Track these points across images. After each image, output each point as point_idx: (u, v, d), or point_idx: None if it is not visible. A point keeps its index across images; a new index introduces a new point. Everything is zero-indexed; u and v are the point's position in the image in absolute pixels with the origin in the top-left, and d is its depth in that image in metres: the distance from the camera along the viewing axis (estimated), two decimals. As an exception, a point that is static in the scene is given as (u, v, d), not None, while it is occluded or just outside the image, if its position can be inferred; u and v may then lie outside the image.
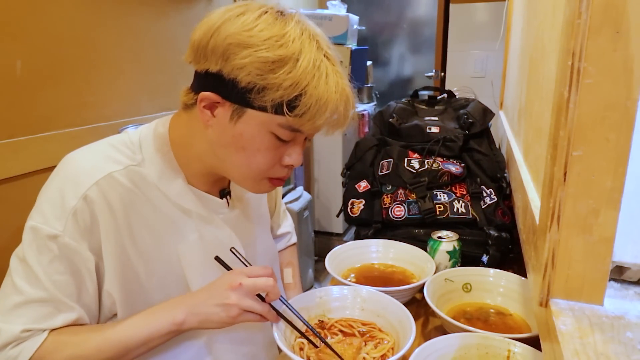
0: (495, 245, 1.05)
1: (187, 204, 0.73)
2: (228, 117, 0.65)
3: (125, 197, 0.68)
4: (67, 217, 0.64)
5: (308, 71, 0.60)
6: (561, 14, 0.48)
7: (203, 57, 0.64)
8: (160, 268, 0.72)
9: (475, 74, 2.91)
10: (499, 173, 1.16)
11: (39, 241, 0.64)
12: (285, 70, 0.60)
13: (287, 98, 0.61)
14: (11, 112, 1.23)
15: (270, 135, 0.65)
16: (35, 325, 0.63)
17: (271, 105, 0.61)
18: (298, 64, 0.60)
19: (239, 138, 0.65)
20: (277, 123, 0.64)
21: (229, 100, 0.64)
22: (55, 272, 0.64)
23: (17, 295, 0.63)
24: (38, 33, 1.29)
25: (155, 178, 0.70)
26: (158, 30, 1.77)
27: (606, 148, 0.40)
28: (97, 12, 1.48)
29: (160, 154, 0.72)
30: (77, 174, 0.66)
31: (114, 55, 1.56)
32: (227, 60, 0.61)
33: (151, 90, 1.75)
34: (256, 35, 0.60)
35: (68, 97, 1.39)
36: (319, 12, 2.78)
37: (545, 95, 0.65)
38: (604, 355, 0.37)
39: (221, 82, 0.63)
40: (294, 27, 0.62)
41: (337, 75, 0.64)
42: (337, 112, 0.64)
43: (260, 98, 0.61)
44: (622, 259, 0.45)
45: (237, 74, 0.61)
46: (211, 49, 0.62)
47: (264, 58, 0.59)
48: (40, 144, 1.30)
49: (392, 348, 0.75)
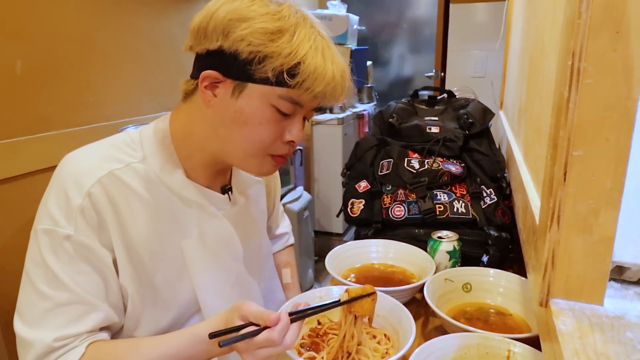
0: (495, 245, 1.05)
1: (189, 195, 0.73)
2: (229, 93, 0.66)
3: (128, 193, 0.68)
4: (76, 216, 0.64)
5: (305, 41, 0.64)
6: (561, 14, 0.48)
7: (204, 38, 0.66)
8: (165, 264, 0.72)
9: (475, 74, 2.91)
10: (499, 173, 1.16)
11: (55, 243, 0.63)
12: (284, 40, 0.63)
13: (286, 66, 0.63)
14: (11, 112, 1.23)
15: (271, 108, 0.67)
16: (66, 331, 0.62)
17: (272, 75, 0.63)
18: (295, 35, 0.63)
19: (241, 113, 0.66)
20: (277, 95, 0.65)
21: (229, 76, 0.65)
22: (76, 272, 0.64)
23: (44, 301, 0.62)
24: (38, 33, 1.29)
25: (157, 170, 0.71)
26: (158, 30, 1.77)
27: (606, 148, 0.40)
28: (97, 12, 1.48)
29: (161, 147, 0.72)
30: (78, 173, 0.67)
31: (114, 55, 1.56)
32: (228, 35, 0.63)
33: (151, 90, 1.75)
34: (255, 9, 0.63)
35: (68, 97, 1.39)
36: (319, 12, 2.78)
37: (545, 95, 0.65)
38: (604, 355, 0.37)
39: (222, 58, 0.65)
40: (288, 8, 0.66)
41: (331, 50, 0.67)
42: (334, 81, 0.66)
43: (261, 68, 0.63)
44: (622, 259, 0.45)
45: (238, 45, 0.63)
46: (212, 28, 0.64)
47: (263, 28, 0.62)
48: (40, 144, 1.30)
49: (392, 346, 0.75)
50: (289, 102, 0.67)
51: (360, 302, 0.70)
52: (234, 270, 0.82)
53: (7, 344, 1.10)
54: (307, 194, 2.60)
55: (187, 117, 0.73)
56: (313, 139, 2.86)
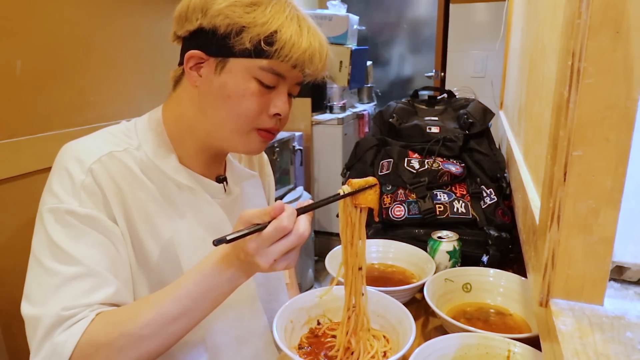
0: (495, 245, 1.05)
1: (182, 179, 0.74)
2: (213, 71, 0.69)
3: (127, 174, 0.70)
4: (80, 191, 0.65)
5: (280, 13, 0.66)
6: (561, 14, 0.48)
7: (185, 21, 0.70)
8: (160, 246, 0.72)
9: (475, 74, 2.91)
10: (499, 173, 1.16)
11: (61, 219, 0.64)
12: (259, 10, 0.66)
13: (263, 35, 0.66)
14: (11, 112, 1.23)
15: (254, 80, 0.69)
16: (75, 302, 0.59)
17: (250, 46, 0.66)
18: (270, 6, 0.66)
19: (225, 88, 0.69)
20: (258, 67, 0.68)
21: (211, 54, 0.69)
22: (85, 245, 0.63)
23: (52, 277, 0.60)
24: (38, 33, 1.29)
25: (151, 155, 0.72)
26: (158, 30, 1.77)
27: (606, 148, 0.40)
28: (97, 12, 1.48)
29: (154, 133, 0.75)
30: (78, 153, 0.69)
31: (114, 55, 1.56)
32: (206, 12, 0.66)
33: (151, 90, 1.75)
34: None
35: (68, 97, 1.39)
36: (319, 12, 2.78)
37: (545, 95, 0.65)
38: (604, 355, 0.37)
39: (203, 36, 0.68)
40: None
41: (306, 21, 0.70)
42: (311, 47, 0.68)
43: (239, 40, 0.66)
44: (622, 259, 0.45)
45: (215, 20, 0.66)
46: (192, 9, 0.68)
47: (239, 1, 0.65)
48: (40, 144, 1.30)
49: (390, 348, 0.75)
50: (270, 74, 0.69)
51: (363, 194, 0.66)
52: None
53: (7, 344, 1.10)
54: (307, 194, 2.60)
55: (177, 102, 0.76)
56: (313, 139, 2.86)
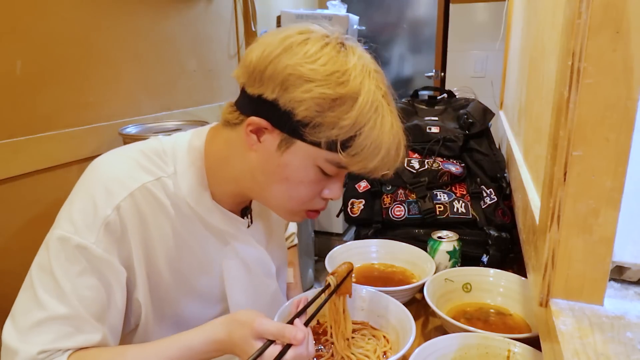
0: (495, 245, 1.05)
1: (213, 221, 0.71)
2: (275, 145, 0.63)
3: (157, 208, 0.66)
4: (100, 228, 0.61)
5: (365, 112, 0.59)
6: (561, 14, 0.48)
7: (259, 82, 0.61)
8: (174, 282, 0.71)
9: (475, 74, 2.91)
10: (499, 173, 1.16)
11: (68, 252, 0.60)
12: (344, 109, 0.59)
13: (342, 137, 0.60)
14: (11, 112, 1.23)
15: (316, 168, 0.64)
16: (53, 345, 0.59)
17: (324, 142, 0.60)
18: (357, 104, 0.59)
19: (284, 168, 0.64)
20: (325, 158, 0.62)
21: (279, 128, 0.62)
22: (83, 286, 0.61)
23: (40, 310, 0.59)
24: (38, 33, 1.29)
25: (185, 192, 0.68)
26: (158, 30, 1.77)
27: (606, 148, 0.40)
28: (97, 12, 1.48)
29: (193, 168, 0.69)
30: (110, 182, 0.64)
31: (114, 55, 1.56)
32: (286, 90, 0.59)
33: (151, 90, 1.75)
34: (318, 69, 0.58)
35: (68, 97, 1.39)
36: (319, 12, 2.78)
37: (545, 95, 0.65)
38: (604, 355, 0.37)
39: (275, 110, 0.61)
40: (356, 63, 0.60)
41: (392, 117, 0.63)
42: (388, 155, 0.63)
43: (315, 133, 0.60)
44: (622, 259, 0.45)
45: (295, 106, 0.59)
46: (269, 76, 0.60)
47: (324, 95, 0.58)
48: (40, 144, 1.30)
49: (390, 348, 0.75)
50: (335, 167, 0.64)
51: (344, 284, 0.73)
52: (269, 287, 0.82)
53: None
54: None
55: (226, 146, 0.69)
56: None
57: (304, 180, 0.65)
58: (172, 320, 0.73)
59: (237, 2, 2.33)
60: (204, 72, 2.08)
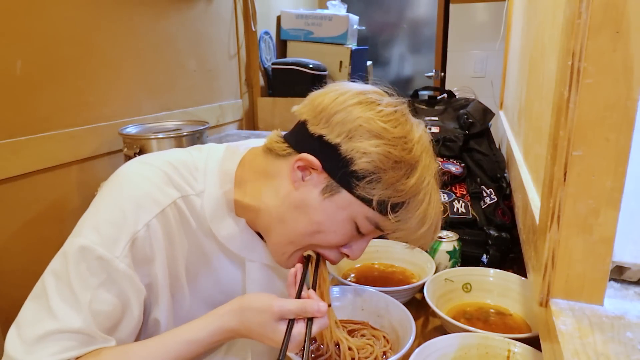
0: (495, 245, 1.05)
1: (232, 247, 0.70)
2: (320, 188, 0.62)
3: (182, 226, 0.65)
4: (127, 243, 0.59)
5: (421, 182, 0.60)
6: (561, 14, 0.48)
7: (324, 123, 0.61)
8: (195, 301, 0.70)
9: (475, 74, 2.91)
10: (499, 173, 1.16)
11: (90, 262, 0.57)
12: (404, 173, 0.59)
13: (393, 200, 0.60)
14: (11, 112, 1.23)
15: (352, 223, 0.63)
16: (62, 355, 0.56)
17: (376, 200, 0.59)
18: (416, 172, 0.60)
19: (321, 213, 0.62)
20: (366, 216, 0.62)
21: (329, 174, 0.61)
22: (100, 300, 0.58)
23: (52, 320, 0.56)
24: (38, 33, 1.29)
25: (209, 215, 0.66)
26: (158, 30, 1.77)
27: (606, 148, 0.40)
28: (97, 12, 1.48)
29: (221, 191, 0.67)
30: (143, 197, 0.62)
31: (114, 55, 1.56)
32: (351, 139, 0.59)
33: (151, 90, 1.75)
34: (389, 129, 0.59)
35: (68, 97, 1.39)
36: (319, 12, 2.78)
37: (545, 95, 0.65)
38: (604, 355, 0.37)
39: (333, 154, 0.60)
40: (421, 135, 0.62)
41: (437, 193, 0.64)
42: (429, 230, 0.63)
43: (368, 189, 0.59)
44: (622, 259, 0.45)
45: (357, 157, 0.59)
46: (339, 121, 0.60)
47: (390, 154, 0.58)
48: (40, 144, 1.30)
49: (390, 348, 0.75)
50: (373, 226, 0.63)
51: None
52: None
53: (7, 344, 1.10)
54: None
55: (262, 175, 0.67)
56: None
57: (337, 232, 0.63)
58: None
59: (237, 2, 2.33)
60: (204, 72, 2.08)
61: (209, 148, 0.72)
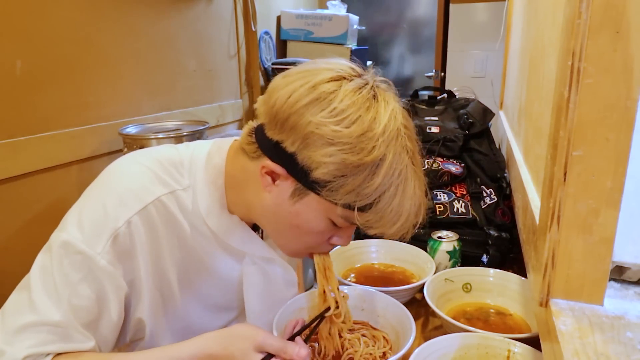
0: (495, 245, 1.05)
1: (232, 242, 0.70)
2: (289, 192, 0.61)
3: (169, 222, 0.65)
4: (108, 239, 0.59)
5: (388, 179, 0.57)
6: (561, 14, 0.48)
7: (279, 128, 0.59)
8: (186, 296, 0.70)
9: (475, 74, 2.91)
10: (499, 173, 1.16)
11: (72, 257, 0.58)
12: (366, 176, 0.56)
13: (358, 204, 0.58)
14: (11, 112, 1.23)
15: (327, 220, 0.62)
16: (40, 348, 0.57)
17: (341, 203, 0.58)
18: (381, 171, 0.56)
19: (295, 216, 0.62)
20: (338, 214, 0.60)
21: (295, 178, 0.60)
22: (80, 295, 0.58)
23: (32, 313, 0.57)
24: (38, 33, 1.29)
25: (204, 211, 0.67)
26: (158, 30, 1.77)
27: (606, 148, 0.40)
28: (97, 12, 1.48)
29: (213, 186, 0.67)
30: (125, 193, 0.62)
31: (114, 55, 1.56)
32: (306, 147, 0.56)
33: (151, 90, 1.75)
34: (343, 132, 0.55)
35: (68, 97, 1.39)
36: (319, 12, 2.78)
37: (545, 95, 0.65)
38: (604, 355, 0.37)
39: (292, 162, 0.58)
40: (386, 124, 0.57)
41: (415, 179, 0.60)
42: (407, 222, 0.61)
43: (331, 194, 0.58)
44: (622, 259, 0.45)
45: (314, 166, 0.56)
46: (290, 126, 0.57)
47: (346, 161, 0.55)
48: (40, 144, 1.30)
49: (390, 348, 0.75)
50: (347, 222, 0.62)
51: None
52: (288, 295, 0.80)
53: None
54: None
55: (242, 174, 0.67)
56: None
57: (314, 230, 0.64)
58: (181, 333, 0.72)
59: (237, 2, 2.33)
60: (204, 72, 2.08)
61: (195, 144, 0.72)
